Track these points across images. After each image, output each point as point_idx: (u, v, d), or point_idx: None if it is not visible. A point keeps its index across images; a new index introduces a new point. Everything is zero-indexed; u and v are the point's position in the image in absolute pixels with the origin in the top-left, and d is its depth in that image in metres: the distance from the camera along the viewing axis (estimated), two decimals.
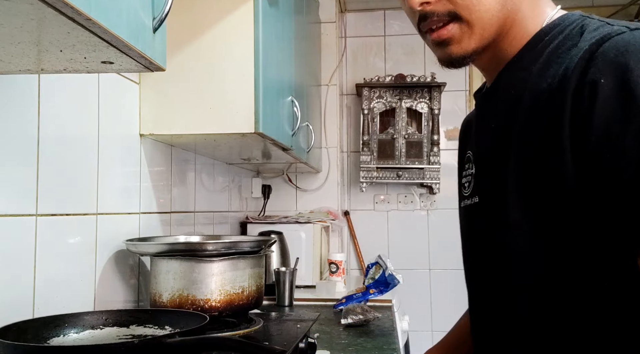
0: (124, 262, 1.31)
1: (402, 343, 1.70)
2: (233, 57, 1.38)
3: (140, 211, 1.40)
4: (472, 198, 0.86)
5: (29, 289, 0.97)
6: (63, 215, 1.08)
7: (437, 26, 0.74)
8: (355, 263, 2.99)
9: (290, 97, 1.78)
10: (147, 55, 0.69)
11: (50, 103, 1.03)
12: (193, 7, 1.38)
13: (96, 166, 1.20)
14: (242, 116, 1.37)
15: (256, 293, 1.26)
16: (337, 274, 2.16)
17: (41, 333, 0.83)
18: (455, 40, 0.74)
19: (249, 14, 1.37)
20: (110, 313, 0.93)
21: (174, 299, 1.17)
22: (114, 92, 1.28)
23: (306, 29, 2.26)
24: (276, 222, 2.31)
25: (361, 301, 1.65)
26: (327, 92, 2.81)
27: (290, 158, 2.06)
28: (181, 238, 1.46)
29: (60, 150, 1.07)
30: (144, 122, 1.40)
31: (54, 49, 0.66)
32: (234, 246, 1.23)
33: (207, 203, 1.95)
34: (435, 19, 0.74)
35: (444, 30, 0.74)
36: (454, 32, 0.74)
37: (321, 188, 2.78)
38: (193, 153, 1.80)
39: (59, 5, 0.52)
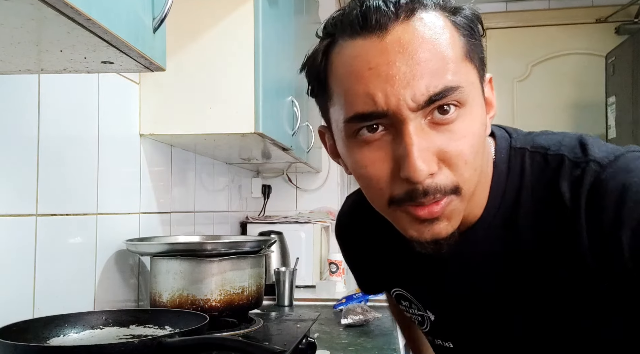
0: (124, 262, 1.31)
1: (402, 343, 1.70)
2: (233, 57, 1.38)
3: (140, 211, 1.40)
4: (440, 340, 0.81)
5: (29, 289, 0.97)
6: (63, 215, 1.08)
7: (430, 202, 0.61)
8: None
9: (290, 97, 1.78)
10: (147, 55, 0.69)
11: (50, 103, 1.03)
12: (193, 7, 1.38)
13: (96, 166, 1.20)
14: (242, 116, 1.37)
15: (256, 293, 1.26)
16: (337, 274, 2.16)
17: (41, 333, 0.83)
18: (446, 216, 0.62)
19: (249, 14, 1.37)
20: (110, 313, 0.93)
21: (174, 299, 1.17)
22: (114, 92, 1.28)
23: (306, 29, 2.26)
24: (276, 222, 2.31)
25: (361, 301, 1.65)
26: None
27: (290, 158, 2.06)
28: (181, 238, 1.46)
29: (60, 150, 1.07)
30: (144, 122, 1.40)
31: (54, 49, 0.66)
32: (234, 246, 1.23)
33: (207, 203, 1.95)
34: (438, 196, 0.60)
35: (437, 206, 0.61)
36: (447, 208, 0.61)
37: (321, 188, 2.78)
38: (193, 153, 1.80)
39: (59, 5, 0.52)
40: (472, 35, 0.63)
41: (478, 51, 0.64)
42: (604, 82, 2.94)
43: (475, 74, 0.63)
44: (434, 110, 0.60)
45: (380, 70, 0.58)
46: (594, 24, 3.11)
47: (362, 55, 0.60)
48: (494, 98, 0.69)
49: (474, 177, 0.63)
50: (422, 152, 0.59)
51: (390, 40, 0.59)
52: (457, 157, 0.60)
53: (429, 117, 0.60)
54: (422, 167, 0.58)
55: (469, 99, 0.61)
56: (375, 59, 0.59)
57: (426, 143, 0.59)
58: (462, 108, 0.61)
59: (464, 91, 0.60)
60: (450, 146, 0.60)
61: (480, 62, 0.65)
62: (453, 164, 0.60)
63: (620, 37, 3.02)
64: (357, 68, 0.60)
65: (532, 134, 0.72)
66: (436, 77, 0.59)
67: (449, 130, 0.60)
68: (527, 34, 3.15)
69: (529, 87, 3.13)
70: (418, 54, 0.58)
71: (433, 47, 0.59)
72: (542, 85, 3.14)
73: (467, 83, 0.61)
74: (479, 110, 0.63)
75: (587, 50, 3.13)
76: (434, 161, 0.60)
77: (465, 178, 0.61)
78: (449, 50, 0.60)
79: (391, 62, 0.58)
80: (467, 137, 0.61)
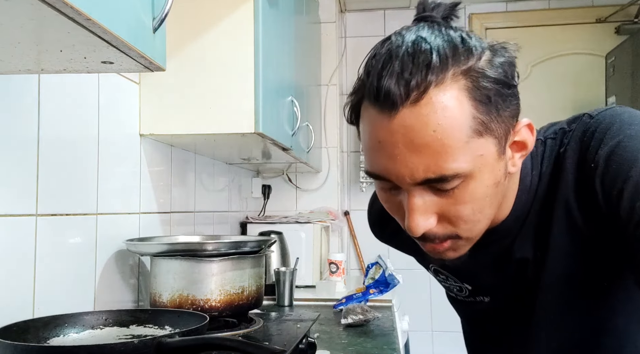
0: (124, 262, 1.31)
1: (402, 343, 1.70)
2: (233, 56, 1.38)
3: (140, 211, 1.40)
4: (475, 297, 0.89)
5: (29, 289, 0.97)
6: (63, 215, 1.08)
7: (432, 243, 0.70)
8: (355, 263, 2.99)
9: (290, 97, 1.78)
10: (147, 55, 0.69)
11: (50, 103, 1.03)
12: (193, 7, 1.38)
13: (96, 166, 1.20)
14: (242, 116, 1.37)
15: (256, 293, 1.26)
16: (337, 274, 2.16)
17: (41, 333, 0.83)
18: (452, 249, 0.71)
19: (249, 14, 1.37)
20: (110, 313, 0.93)
21: (174, 299, 1.17)
22: (114, 92, 1.28)
23: (306, 29, 2.26)
24: (276, 222, 2.31)
25: (361, 301, 1.65)
26: (327, 92, 2.81)
27: (290, 158, 2.06)
28: (181, 238, 1.46)
29: (60, 150, 1.07)
30: (144, 122, 1.40)
31: (54, 49, 0.66)
32: (234, 246, 1.23)
33: (207, 203, 1.95)
34: (437, 241, 0.69)
35: (440, 246, 0.70)
36: (452, 246, 0.70)
37: (321, 188, 2.78)
38: (193, 153, 1.80)
39: (59, 5, 0.52)
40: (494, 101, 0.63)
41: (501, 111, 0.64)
42: (604, 82, 2.94)
43: (489, 144, 0.64)
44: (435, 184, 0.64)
45: (386, 147, 0.63)
46: (594, 24, 3.10)
47: (375, 128, 0.65)
48: (532, 137, 0.70)
49: (477, 226, 0.69)
50: (420, 214, 0.66)
51: (397, 122, 0.62)
52: (456, 218, 0.67)
53: (430, 186, 0.65)
54: (418, 227, 0.66)
55: (474, 172, 0.64)
56: (384, 136, 0.63)
57: (425, 206, 0.65)
58: (465, 179, 0.64)
59: (466, 171, 0.63)
60: (450, 210, 0.66)
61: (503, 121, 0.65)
62: (452, 222, 0.67)
63: (620, 37, 3.02)
64: (371, 137, 0.66)
65: (540, 128, 0.77)
66: (434, 164, 0.62)
67: (450, 196, 0.65)
68: (527, 34, 3.15)
69: (529, 87, 3.12)
70: (419, 141, 0.61)
71: (436, 133, 0.61)
72: (542, 85, 3.13)
73: (472, 160, 0.63)
74: (488, 175, 0.65)
75: (587, 50, 3.13)
76: (433, 218, 0.66)
77: (464, 230, 0.68)
78: (454, 135, 0.61)
79: (394, 143, 0.62)
80: (468, 203, 0.65)
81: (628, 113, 0.68)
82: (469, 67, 0.62)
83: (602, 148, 0.65)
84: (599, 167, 0.65)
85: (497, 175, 0.66)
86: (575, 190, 0.70)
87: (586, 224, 0.70)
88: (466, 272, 0.87)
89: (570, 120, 0.74)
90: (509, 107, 0.65)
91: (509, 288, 0.82)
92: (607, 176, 0.64)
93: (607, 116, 0.68)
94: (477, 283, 0.87)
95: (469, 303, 0.91)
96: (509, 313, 0.85)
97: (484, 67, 0.63)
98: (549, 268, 0.75)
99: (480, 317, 0.93)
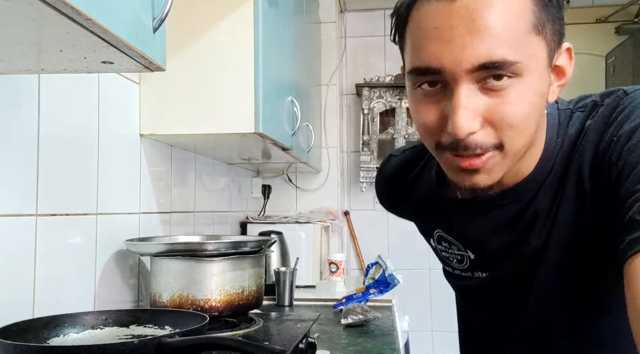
0: (124, 262, 1.31)
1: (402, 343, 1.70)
2: (233, 57, 1.38)
3: (140, 211, 1.40)
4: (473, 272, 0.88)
5: (29, 289, 0.97)
6: (63, 215, 1.08)
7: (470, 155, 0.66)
8: (355, 263, 2.99)
9: (290, 97, 1.78)
10: (147, 55, 0.69)
11: (50, 103, 1.03)
12: (193, 7, 1.38)
13: (96, 166, 1.20)
14: (242, 116, 1.37)
15: (256, 293, 1.26)
16: (337, 274, 2.16)
17: (41, 333, 0.83)
18: (486, 170, 0.67)
19: (249, 14, 1.37)
20: (110, 313, 0.93)
21: (174, 299, 1.17)
22: (114, 92, 1.28)
23: (306, 29, 2.26)
24: (276, 222, 2.31)
25: (361, 301, 1.65)
26: (327, 92, 2.81)
27: (290, 158, 2.06)
28: (181, 238, 1.46)
29: (60, 150, 1.07)
30: (144, 122, 1.40)
31: (54, 49, 0.66)
32: (234, 246, 1.23)
33: (207, 203, 1.95)
34: (478, 151, 0.65)
35: (478, 160, 0.66)
36: (488, 162, 0.66)
37: (321, 188, 2.78)
38: (193, 153, 1.80)
39: (59, 5, 0.52)
40: (551, 3, 0.65)
41: (553, 23, 0.65)
42: (604, 82, 2.95)
43: (542, 47, 0.65)
44: (488, 76, 0.63)
45: (443, 32, 0.62)
46: (594, 24, 3.11)
47: (431, 16, 0.63)
48: (570, 66, 0.71)
49: (521, 139, 0.66)
50: (468, 112, 0.63)
51: (458, 5, 0.62)
52: (501, 120, 0.64)
53: (482, 81, 0.63)
54: (463, 126, 0.63)
55: (525, 71, 0.63)
56: (441, 21, 0.62)
57: (473, 104, 0.63)
58: (516, 78, 0.63)
59: (521, 65, 0.62)
60: (496, 110, 0.64)
61: (554, 33, 0.66)
62: (497, 126, 0.65)
63: (620, 37, 3.02)
64: (425, 27, 0.64)
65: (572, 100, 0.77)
66: (493, 48, 0.61)
67: (499, 95, 0.63)
68: None
69: None
70: (481, 22, 0.61)
71: (498, 17, 0.61)
72: None
73: (527, 57, 0.63)
74: (537, 81, 0.65)
75: (587, 50, 3.13)
76: (478, 121, 0.64)
77: (509, 138, 0.65)
78: (515, 22, 0.62)
79: (454, 25, 0.62)
80: (515, 104, 0.64)
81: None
82: None
83: (628, 124, 0.65)
84: (620, 141, 0.65)
85: (543, 86, 0.66)
86: (591, 161, 0.69)
87: (594, 197, 0.69)
88: (475, 235, 0.84)
89: (605, 93, 0.72)
90: (560, 20, 0.66)
91: (512, 259, 0.81)
92: (626, 150, 0.63)
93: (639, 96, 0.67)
94: (481, 250, 0.84)
95: (466, 278, 0.90)
96: (504, 291, 0.84)
97: None
98: (551, 243, 0.75)
99: (474, 293, 0.92)
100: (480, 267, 0.87)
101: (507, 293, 0.84)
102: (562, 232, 0.74)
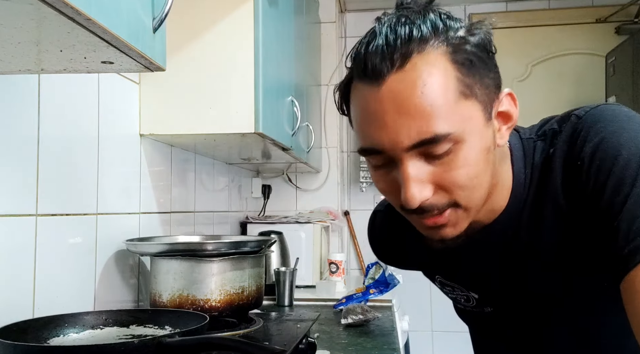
0: (124, 262, 1.31)
1: (402, 343, 1.70)
2: (233, 56, 1.38)
3: (140, 211, 1.40)
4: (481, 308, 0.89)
5: (29, 289, 0.97)
6: (63, 215, 1.08)
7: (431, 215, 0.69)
8: (355, 263, 2.99)
9: (290, 97, 1.78)
10: (147, 55, 0.69)
11: (50, 103, 1.03)
12: (193, 7, 1.38)
13: (96, 166, 1.20)
14: (242, 116, 1.37)
15: (256, 293, 1.26)
16: (337, 274, 2.16)
17: (41, 333, 0.83)
18: (451, 224, 0.70)
19: (249, 14, 1.37)
20: (110, 313, 0.93)
21: (174, 299, 1.17)
22: (114, 92, 1.28)
23: (306, 29, 2.26)
24: (276, 222, 2.31)
25: (361, 301, 1.65)
26: (327, 92, 2.81)
27: (290, 158, 2.06)
28: (181, 238, 1.46)
29: (60, 150, 1.07)
30: (144, 122, 1.40)
31: (54, 49, 0.66)
32: (234, 246, 1.23)
33: (207, 203, 1.95)
34: (435, 212, 0.68)
35: (441, 217, 0.69)
36: (451, 218, 0.69)
37: (321, 188, 2.78)
38: (193, 153, 1.80)
39: (59, 5, 0.52)
40: (476, 65, 0.66)
41: (483, 78, 0.67)
42: (604, 82, 2.94)
43: (475, 107, 0.66)
44: (428, 148, 0.65)
45: (377, 117, 0.65)
46: (594, 24, 3.10)
47: (365, 100, 0.66)
48: (515, 109, 0.72)
49: (476, 195, 0.69)
50: (416, 183, 0.66)
51: (385, 89, 0.64)
52: (452, 184, 0.66)
53: (423, 153, 0.65)
54: (415, 197, 0.65)
55: (464, 135, 0.65)
56: (374, 106, 0.65)
57: (420, 175, 0.66)
58: (456, 144, 0.65)
59: (456, 134, 0.64)
60: (444, 177, 0.66)
61: (486, 88, 0.67)
62: (448, 190, 0.67)
63: (620, 37, 3.02)
64: (362, 110, 0.67)
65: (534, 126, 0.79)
66: (426, 125, 0.63)
67: (443, 163, 0.66)
68: (527, 34, 3.15)
69: (529, 87, 3.12)
70: (408, 103, 0.63)
71: (424, 95, 0.63)
72: (542, 85, 3.13)
73: (462, 122, 0.64)
74: (477, 141, 0.67)
75: (587, 50, 3.13)
76: (429, 188, 0.66)
77: (463, 197, 0.68)
78: (441, 96, 0.63)
79: (385, 110, 0.64)
80: (461, 168, 0.66)
81: (611, 110, 0.69)
82: (448, 36, 0.65)
83: (587, 146, 0.67)
84: (584, 164, 0.67)
85: (486, 142, 0.68)
86: (563, 188, 0.71)
87: (575, 221, 0.70)
88: (474, 277, 0.87)
89: (560, 119, 0.75)
90: (490, 73, 0.68)
91: (515, 293, 0.82)
92: (591, 171, 0.66)
93: (591, 115, 0.70)
94: (484, 289, 0.87)
95: (476, 314, 0.91)
96: (514, 323, 0.86)
97: (463, 34, 0.66)
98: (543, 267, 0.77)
99: (487, 327, 0.93)
100: (488, 303, 0.88)
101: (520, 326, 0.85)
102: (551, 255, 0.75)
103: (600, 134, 0.66)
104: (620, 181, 0.62)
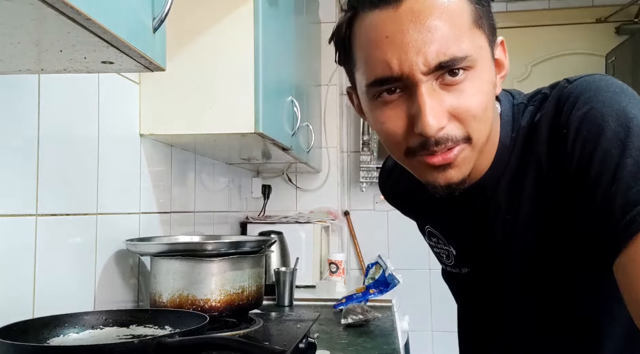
0: (124, 262, 1.31)
1: (402, 343, 1.70)
2: (233, 57, 1.38)
3: (140, 211, 1.40)
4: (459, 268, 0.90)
5: (29, 289, 0.97)
6: (63, 215, 1.08)
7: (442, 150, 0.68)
8: (355, 263, 2.99)
9: (290, 97, 1.78)
10: (147, 55, 0.69)
11: (50, 103, 1.03)
12: (193, 7, 1.38)
13: (96, 166, 1.20)
14: (242, 116, 1.37)
15: (256, 293, 1.26)
16: (337, 274, 2.16)
17: (41, 333, 0.83)
18: (457, 164, 0.69)
19: (249, 14, 1.37)
20: (110, 313, 0.93)
21: (174, 299, 1.17)
22: (114, 92, 1.28)
23: (306, 29, 2.26)
24: (276, 222, 2.31)
25: (361, 301, 1.65)
26: (327, 92, 2.81)
27: (290, 158, 2.06)
28: (181, 238, 1.46)
29: (60, 150, 1.07)
30: (144, 122, 1.40)
31: (54, 49, 0.66)
32: (234, 246, 1.23)
33: (207, 203, 1.95)
34: (449, 144, 0.67)
35: (450, 153, 0.68)
36: (459, 156, 0.68)
37: (321, 188, 2.78)
38: (193, 153, 1.80)
39: (59, 5, 0.52)
40: (481, 2, 0.69)
41: (487, 17, 0.70)
42: None
43: (484, 39, 0.69)
44: (445, 73, 0.65)
45: (395, 38, 0.64)
46: (594, 24, 3.10)
47: (379, 25, 0.66)
48: (506, 59, 0.75)
49: (484, 129, 0.69)
50: (434, 110, 0.65)
51: (403, 10, 0.64)
52: (467, 112, 0.67)
53: (439, 79, 0.66)
54: (432, 123, 0.65)
55: (477, 63, 0.67)
56: (391, 28, 0.65)
57: (437, 102, 0.66)
58: (470, 71, 0.66)
59: (472, 57, 0.66)
60: (460, 104, 0.66)
61: (489, 27, 0.70)
62: (463, 118, 0.67)
63: (620, 37, 3.02)
64: (375, 37, 0.66)
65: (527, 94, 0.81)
66: (446, 45, 0.64)
67: (459, 90, 0.66)
68: (527, 34, 3.15)
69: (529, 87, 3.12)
70: (429, 22, 0.64)
71: (443, 15, 0.64)
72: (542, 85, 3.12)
73: (476, 49, 0.66)
74: (488, 71, 0.69)
75: (587, 50, 3.13)
76: (445, 117, 0.66)
77: (475, 129, 0.68)
78: (458, 18, 0.65)
79: (405, 30, 0.64)
80: (476, 95, 0.67)
81: (605, 80, 0.69)
82: None
83: (575, 114, 0.67)
84: (571, 132, 0.67)
85: (493, 75, 0.70)
86: (547, 152, 0.71)
87: (556, 187, 0.70)
88: (452, 231, 0.88)
89: (552, 85, 0.75)
90: (491, 14, 0.71)
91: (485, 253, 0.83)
92: (578, 141, 0.65)
93: (583, 82, 0.70)
94: (459, 245, 0.87)
95: (455, 276, 0.91)
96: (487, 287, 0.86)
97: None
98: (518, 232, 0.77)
99: (464, 290, 0.94)
100: (463, 263, 0.89)
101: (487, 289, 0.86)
102: (525, 222, 0.75)
103: (590, 103, 0.66)
104: (607, 152, 0.62)
